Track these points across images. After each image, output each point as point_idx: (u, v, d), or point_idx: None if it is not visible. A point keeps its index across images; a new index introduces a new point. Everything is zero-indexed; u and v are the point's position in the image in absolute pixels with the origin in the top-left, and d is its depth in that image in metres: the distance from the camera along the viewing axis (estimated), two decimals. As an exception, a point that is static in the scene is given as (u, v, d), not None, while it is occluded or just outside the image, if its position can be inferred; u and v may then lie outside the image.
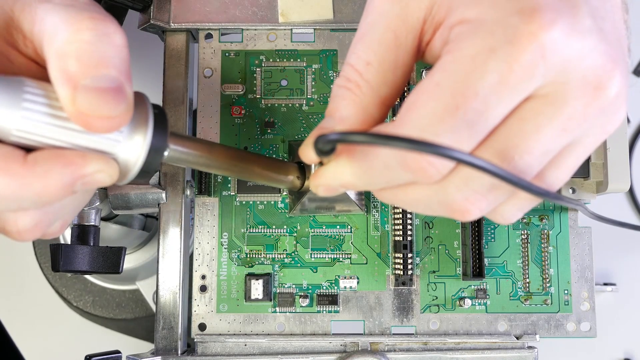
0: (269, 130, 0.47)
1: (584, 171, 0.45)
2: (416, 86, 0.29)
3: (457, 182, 0.30)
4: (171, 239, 0.45)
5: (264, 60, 0.47)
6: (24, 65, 0.32)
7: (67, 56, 0.28)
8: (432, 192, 0.31)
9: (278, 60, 0.47)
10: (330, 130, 0.32)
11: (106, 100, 0.28)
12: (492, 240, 0.46)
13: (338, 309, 0.46)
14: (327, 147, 0.30)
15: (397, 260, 0.45)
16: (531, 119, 0.29)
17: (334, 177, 0.33)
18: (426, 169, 0.29)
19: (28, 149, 0.29)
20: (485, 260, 0.46)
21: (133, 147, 0.30)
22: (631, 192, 0.63)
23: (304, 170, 0.39)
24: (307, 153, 0.33)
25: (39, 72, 0.32)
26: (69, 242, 0.45)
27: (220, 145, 0.37)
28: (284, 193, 0.46)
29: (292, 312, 0.46)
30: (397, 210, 0.46)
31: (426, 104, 0.28)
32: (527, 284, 0.46)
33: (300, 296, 0.46)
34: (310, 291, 0.46)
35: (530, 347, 0.45)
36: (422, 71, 0.47)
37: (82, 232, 0.45)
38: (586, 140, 0.31)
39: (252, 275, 0.45)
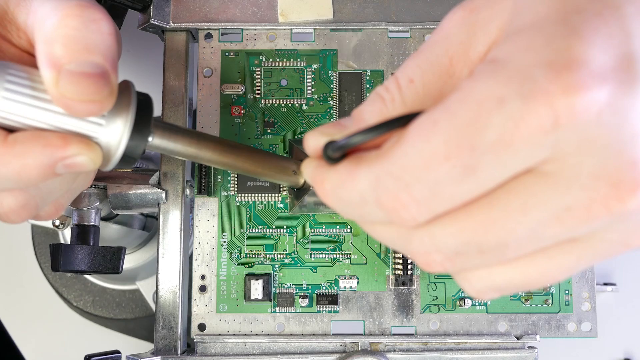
0: (268, 130, 0.47)
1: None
2: (416, 117, 0.26)
3: (421, 234, 0.27)
4: (171, 239, 0.45)
5: (264, 60, 0.47)
6: (16, 56, 0.33)
7: (53, 41, 0.29)
8: (396, 234, 0.28)
9: (278, 60, 0.47)
10: (342, 131, 0.30)
11: (89, 84, 0.29)
12: (492, 240, 0.46)
13: (338, 309, 0.46)
14: (336, 155, 0.29)
15: (397, 261, 0.45)
16: (520, 195, 0.25)
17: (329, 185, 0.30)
18: (401, 213, 0.26)
19: (11, 131, 0.30)
20: (486, 260, 0.46)
21: (115, 131, 0.31)
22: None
23: None
24: (309, 140, 0.31)
25: (30, 62, 0.32)
26: (68, 242, 0.45)
27: (211, 137, 0.36)
28: (284, 193, 0.46)
29: (292, 312, 0.46)
30: (397, 210, 0.46)
31: (415, 144, 0.25)
32: (528, 284, 0.46)
33: (300, 296, 0.45)
34: (310, 291, 0.46)
35: (530, 348, 0.45)
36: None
37: (82, 232, 0.45)
38: (595, 244, 0.26)
39: (251, 276, 0.45)
